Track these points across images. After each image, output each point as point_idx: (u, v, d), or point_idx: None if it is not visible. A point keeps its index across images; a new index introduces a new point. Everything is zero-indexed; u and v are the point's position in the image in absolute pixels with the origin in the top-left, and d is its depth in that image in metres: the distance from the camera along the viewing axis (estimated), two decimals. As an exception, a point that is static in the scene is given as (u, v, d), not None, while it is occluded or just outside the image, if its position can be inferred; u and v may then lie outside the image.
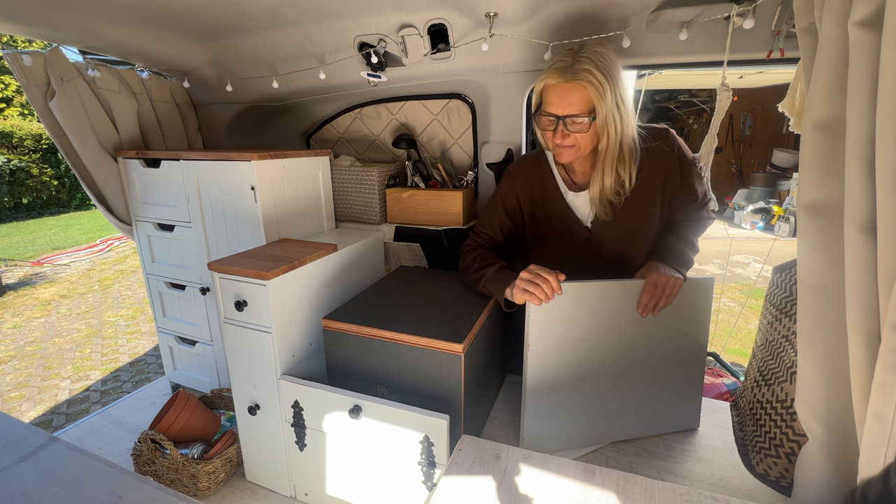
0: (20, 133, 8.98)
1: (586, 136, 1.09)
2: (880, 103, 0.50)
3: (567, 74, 1.04)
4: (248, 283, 1.19)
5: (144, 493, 0.77)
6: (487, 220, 1.37)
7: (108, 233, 7.40)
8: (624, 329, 1.15)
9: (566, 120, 1.07)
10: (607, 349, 1.16)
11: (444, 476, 0.90)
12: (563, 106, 1.07)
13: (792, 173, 7.27)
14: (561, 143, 1.11)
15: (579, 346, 1.14)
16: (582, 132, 1.08)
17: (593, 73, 1.02)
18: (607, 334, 1.15)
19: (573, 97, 1.05)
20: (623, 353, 1.17)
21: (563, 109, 1.07)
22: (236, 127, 2.04)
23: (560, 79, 1.05)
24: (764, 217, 7.00)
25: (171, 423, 1.43)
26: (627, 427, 1.25)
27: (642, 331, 1.16)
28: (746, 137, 8.86)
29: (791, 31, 1.13)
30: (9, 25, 1.27)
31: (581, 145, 1.11)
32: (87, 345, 3.76)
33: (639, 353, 1.18)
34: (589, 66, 1.02)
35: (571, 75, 1.03)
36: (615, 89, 1.04)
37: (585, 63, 1.02)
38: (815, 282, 0.66)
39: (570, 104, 1.06)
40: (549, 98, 1.09)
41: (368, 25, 1.46)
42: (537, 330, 1.11)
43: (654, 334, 1.17)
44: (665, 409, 1.26)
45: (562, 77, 1.05)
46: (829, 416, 0.68)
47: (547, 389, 1.16)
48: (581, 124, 1.07)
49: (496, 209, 1.35)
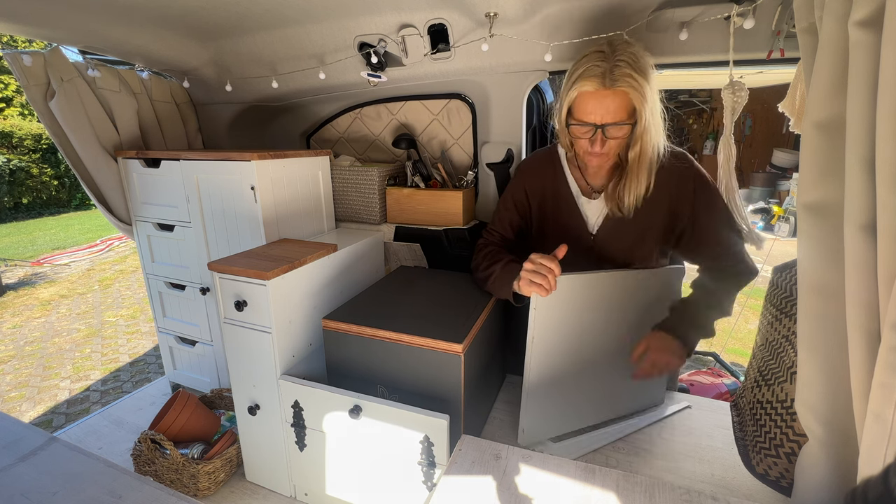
0: (20, 133, 8.98)
1: (621, 142, 1.06)
2: (880, 103, 0.50)
3: (606, 80, 0.97)
4: (247, 283, 1.19)
5: (144, 493, 0.77)
6: (498, 218, 1.38)
7: (108, 233, 7.40)
8: (616, 318, 1.20)
9: (605, 128, 1.02)
10: (601, 336, 1.20)
11: (444, 476, 0.90)
12: (601, 113, 1.01)
13: (792, 173, 7.27)
14: (599, 151, 1.06)
15: (578, 335, 1.17)
16: (620, 139, 1.04)
17: (634, 77, 0.96)
18: (602, 323, 1.19)
19: (614, 104, 0.99)
20: (613, 339, 1.22)
21: (601, 117, 1.01)
22: (236, 127, 2.04)
23: (598, 85, 0.98)
24: (764, 217, 7.00)
25: (171, 423, 1.43)
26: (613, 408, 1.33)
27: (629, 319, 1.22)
28: (746, 137, 8.86)
29: (791, 31, 1.13)
30: (9, 25, 1.27)
31: (613, 153, 1.08)
32: (87, 345, 3.76)
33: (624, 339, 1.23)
34: (628, 70, 0.96)
35: (612, 81, 0.97)
36: (653, 93, 1.00)
37: (624, 67, 0.96)
38: (815, 282, 0.66)
39: (611, 112, 1.00)
40: (585, 106, 1.03)
41: (368, 25, 1.46)
42: (541, 322, 1.12)
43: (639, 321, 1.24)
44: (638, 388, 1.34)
45: (601, 84, 0.98)
46: (829, 416, 0.68)
47: (547, 380, 1.18)
48: (621, 131, 1.03)
49: (507, 206, 1.36)
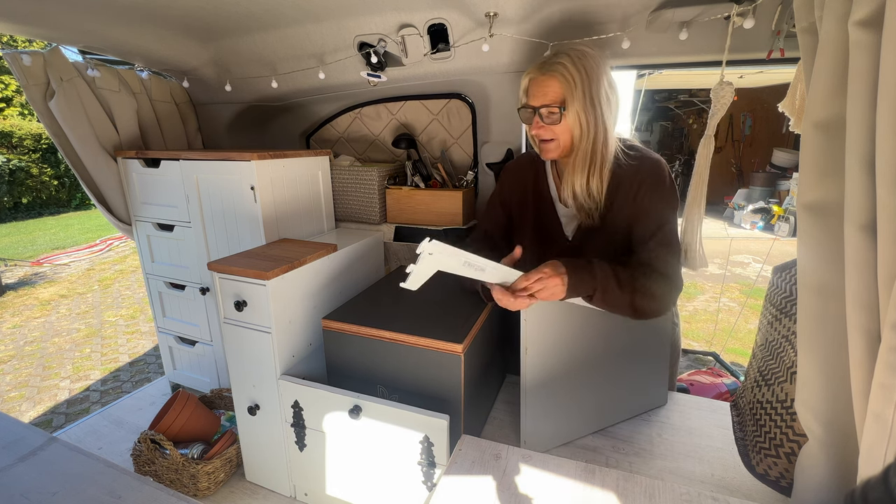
0: (20, 133, 8.97)
1: (564, 130, 1.11)
2: (880, 103, 0.50)
3: (543, 67, 1.09)
4: (247, 283, 1.19)
5: (144, 493, 0.77)
6: (485, 216, 1.41)
7: (108, 232, 7.40)
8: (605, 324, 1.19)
9: (540, 111, 1.10)
10: (593, 343, 1.19)
11: (444, 476, 0.90)
12: (537, 97, 1.10)
13: (792, 173, 7.27)
14: (539, 134, 1.13)
15: (570, 343, 1.17)
16: (555, 124, 1.10)
17: (566, 67, 1.05)
18: (594, 329, 1.18)
19: (546, 88, 1.09)
20: (605, 344, 1.21)
21: (537, 101, 1.10)
22: (236, 127, 2.04)
23: (537, 72, 1.10)
24: (764, 217, 7.01)
25: (171, 423, 1.42)
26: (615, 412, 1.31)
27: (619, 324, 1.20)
28: (746, 137, 8.87)
29: (791, 31, 1.13)
30: (9, 25, 1.27)
31: (560, 140, 1.12)
32: (87, 345, 3.76)
33: (618, 344, 1.23)
34: (564, 61, 1.06)
35: (547, 68, 1.08)
36: (590, 87, 1.06)
37: (562, 58, 1.06)
38: (815, 282, 0.66)
39: (544, 94, 1.09)
40: (529, 91, 1.13)
41: (368, 25, 1.46)
42: (532, 333, 1.12)
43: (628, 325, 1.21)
44: (640, 391, 1.33)
45: (538, 70, 1.10)
46: (829, 416, 0.68)
47: (544, 388, 1.17)
48: (553, 115, 1.10)
49: (493, 205, 1.38)
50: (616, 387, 1.28)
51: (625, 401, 1.32)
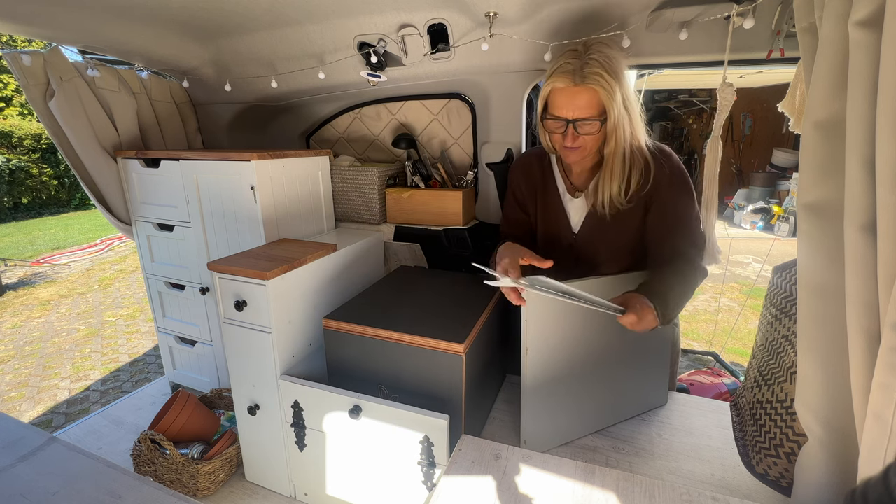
0: (20, 133, 8.97)
1: (595, 137, 1.10)
2: (880, 103, 0.50)
3: (576, 77, 1.02)
4: (247, 283, 1.19)
5: (144, 493, 0.77)
6: (506, 220, 1.42)
7: (108, 232, 7.40)
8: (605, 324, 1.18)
9: (576, 123, 1.06)
10: (593, 343, 1.19)
11: (444, 476, 0.90)
12: (572, 109, 1.05)
13: (792, 173, 7.27)
14: (571, 145, 1.10)
15: (570, 344, 1.17)
16: (592, 135, 1.08)
17: (602, 76, 1.01)
18: (593, 330, 1.18)
19: (583, 100, 1.04)
20: (605, 345, 1.21)
21: (572, 113, 1.06)
22: (236, 127, 2.04)
23: (569, 82, 1.03)
24: (764, 217, 7.00)
25: (171, 423, 1.42)
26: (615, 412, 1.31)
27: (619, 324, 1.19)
28: (746, 137, 8.87)
29: (791, 30, 1.13)
30: (9, 25, 1.27)
31: (589, 147, 1.11)
32: (87, 345, 3.76)
33: (617, 344, 1.23)
34: (598, 69, 1.01)
35: (581, 78, 1.02)
36: (624, 90, 1.04)
37: (594, 66, 1.01)
38: (815, 282, 0.66)
39: (580, 107, 1.05)
40: (557, 101, 1.08)
41: (368, 25, 1.46)
42: (532, 333, 1.12)
43: None
44: (640, 391, 1.33)
45: (570, 80, 1.03)
46: (829, 416, 0.68)
47: (544, 388, 1.17)
48: (591, 127, 1.07)
49: (509, 205, 1.39)
50: (616, 387, 1.28)
51: (625, 401, 1.32)
